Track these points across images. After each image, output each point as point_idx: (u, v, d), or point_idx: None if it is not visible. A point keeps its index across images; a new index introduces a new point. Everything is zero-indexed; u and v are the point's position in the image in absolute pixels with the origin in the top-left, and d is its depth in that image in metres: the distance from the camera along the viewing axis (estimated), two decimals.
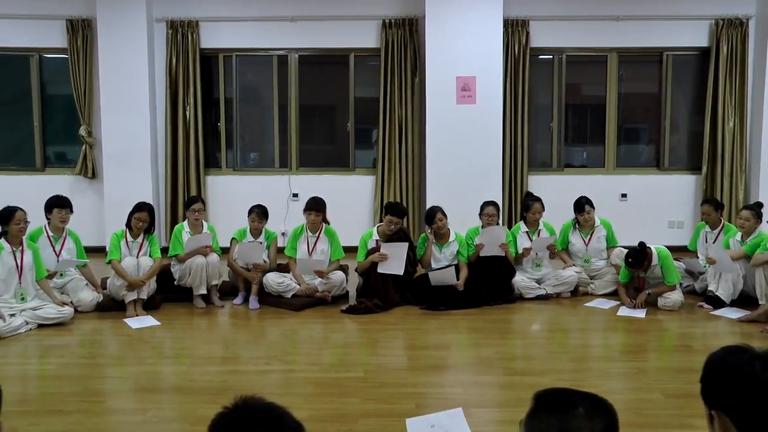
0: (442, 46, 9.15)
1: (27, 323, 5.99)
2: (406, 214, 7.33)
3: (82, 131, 9.56)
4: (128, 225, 6.78)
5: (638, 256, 6.52)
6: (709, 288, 6.74)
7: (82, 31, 9.47)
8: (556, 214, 7.72)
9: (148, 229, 6.86)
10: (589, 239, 7.38)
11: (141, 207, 6.78)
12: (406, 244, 6.80)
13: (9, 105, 10.20)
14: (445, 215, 7.01)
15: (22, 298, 6.13)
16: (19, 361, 5.38)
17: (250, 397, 1.63)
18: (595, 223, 7.39)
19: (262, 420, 1.57)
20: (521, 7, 9.39)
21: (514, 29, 9.39)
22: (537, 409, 1.67)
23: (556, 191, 8.96)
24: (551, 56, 9.78)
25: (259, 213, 7.04)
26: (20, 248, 6.16)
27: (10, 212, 6.12)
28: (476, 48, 9.16)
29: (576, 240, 7.43)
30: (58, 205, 6.69)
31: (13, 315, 5.93)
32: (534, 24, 9.44)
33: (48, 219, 6.72)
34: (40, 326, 6.08)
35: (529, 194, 7.66)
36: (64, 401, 4.41)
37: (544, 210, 7.35)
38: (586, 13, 9.46)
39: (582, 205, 7.32)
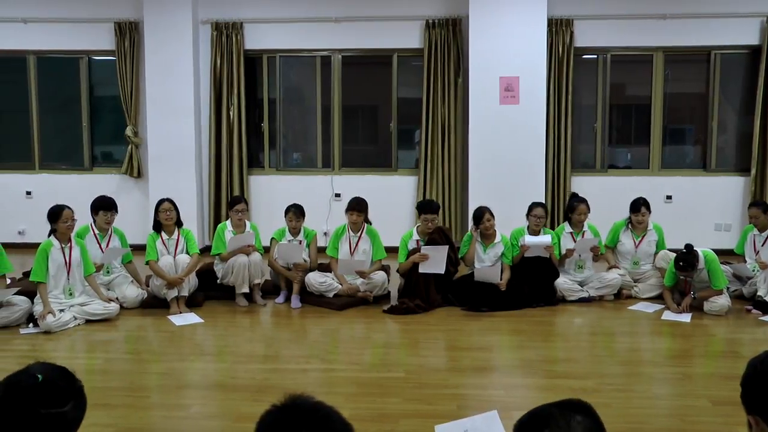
0: (486, 46, 9.10)
1: (75, 318, 6.14)
2: (439, 208, 7.32)
3: (129, 131, 9.73)
4: (157, 225, 6.88)
5: (689, 258, 6.39)
6: (758, 293, 6.60)
7: (129, 33, 9.64)
8: (599, 215, 7.61)
9: (179, 223, 6.94)
10: (640, 241, 7.25)
11: (162, 200, 6.91)
12: (447, 247, 6.78)
13: (60, 106, 10.45)
14: (492, 216, 6.97)
15: (70, 294, 6.27)
16: (67, 355, 5.50)
17: (298, 396, 1.61)
18: (648, 226, 7.27)
19: (309, 419, 1.55)
20: (565, 6, 9.29)
21: (558, 29, 9.30)
22: None
23: (599, 192, 8.85)
24: (595, 56, 9.65)
25: (296, 212, 7.08)
26: (68, 245, 6.30)
27: (59, 211, 6.27)
28: (520, 48, 9.09)
29: (626, 240, 7.30)
30: (103, 207, 6.82)
31: (62, 310, 6.09)
32: (578, 23, 9.34)
33: (94, 219, 6.86)
34: (88, 321, 6.22)
35: (575, 195, 7.56)
36: (110, 395, 4.49)
37: (589, 211, 7.25)
38: (631, 11, 9.32)
39: (639, 205, 7.20)
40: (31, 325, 6.07)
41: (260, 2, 9.64)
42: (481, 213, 6.96)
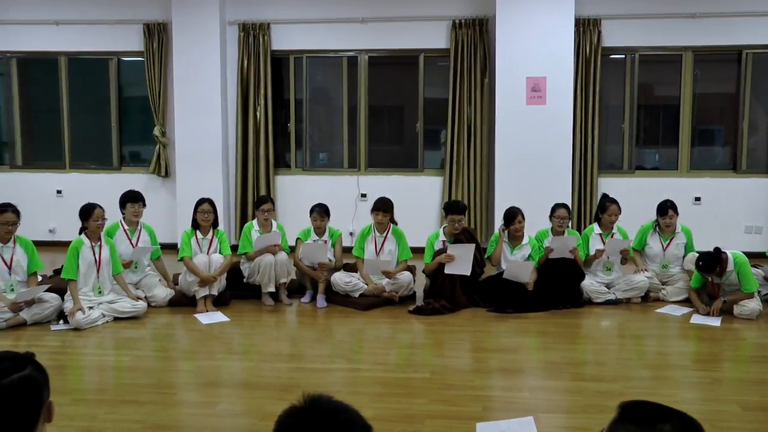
0: (513, 47, 9.07)
1: (104, 316, 6.23)
2: (466, 209, 7.29)
3: (156, 131, 9.83)
4: (195, 223, 6.94)
5: (710, 260, 6.31)
6: None
7: (158, 34, 9.74)
8: (626, 217, 7.49)
9: (215, 224, 7.00)
10: (668, 244, 7.17)
11: (202, 200, 6.95)
12: (473, 246, 6.76)
13: (90, 106, 10.59)
14: (524, 218, 6.94)
15: (99, 292, 6.35)
16: (96, 351, 5.56)
17: (317, 396, 1.58)
18: (676, 229, 7.19)
19: (331, 422, 1.52)
20: (593, 5, 9.22)
21: (586, 28, 9.24)
22: (622, 419, 1.61)
23: (626, 194, 8.73)
24: (623, 55, 9.57)
25: (321, 211, 7.10)
26: (98, 244, 6.39)
27: (90, 209, 6.38)
28: (547, 48, 9.05)
29: (654, 243, 7.23)
30: (130, 199, 6.93)
31: (91, 307, 6.17)
32: (606, 23, 9.27)
33: (123, 214, 6.97)
34: (116, 319, 6.30)
35: (606, 196, 7.47)
36: (138, 392, 4.54)
37: (620, 213, 7.17)
38: (660, 11, 9.23)
39: (666, 208, 7.12)
40: (61, 321, 6.16)
41: (287, 3, 9.69)
42: (513, 214, 6.93)
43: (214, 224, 7.00)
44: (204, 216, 6.87)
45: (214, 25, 9.51)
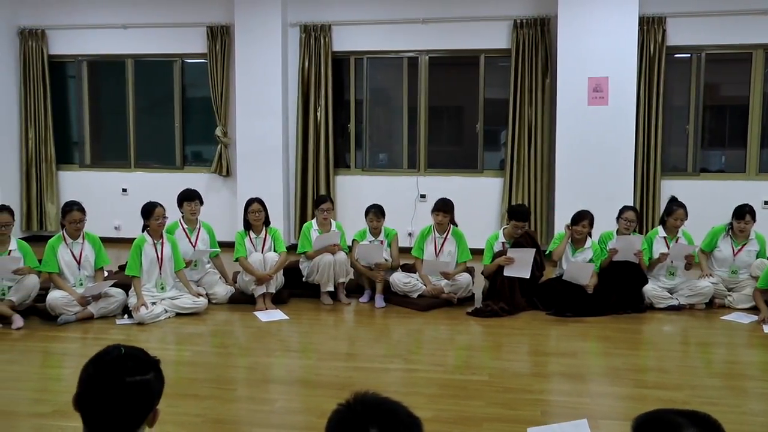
0: (575, 46, 8.92)
1: (166, 311, 6.35)
2: (530, 215, 7.20)
3: (218, 132, 9.99)
4: (247, 224, 7.01)
5: None
6: None
7: (221, 36, 9.89)
8: (690, 221, 7.26)
9: (267, 222, 7.07)
10: (739, 250, 6.91)
11: (251, 201, 7.03)
12: (533, 250, 6.67)
13: (154, 107, 10.84)
14: (591, 225, 6.83)
15: (162, 288, 6.49)
16: (159, 346, 5.67)
17: (363, 393, 1.62)
18: (750, 235, 6.94)
19: (375, 415, 1.55)
20: (658, 3, 9.00)
21: (650, 27, 9.02)
22: None
23: (691, 197, 8.39)
24: (689, 54, 9.32)
25: (377, 212, 7.10)
26: (160, 241, 6.53)
27: (151, 208, 6.54)
28: (609, 47, 8.86)
29: (725, 247, 6.98)
30: (187, 198, 7.07)
31: (154, 303, 6.32)
32: (671, 21, 9.04)
33: (181, 213, 7.10)
34: (177, 315, 6.42)
35: (674, 199, 7.26)
36: (198, 387, 4.61)
37: (686, 218, 6.97)
38: (728, 7, 8.95)
39: (743, 213, 6.85)
40: (125, 316, 6.32)
41: (348, 4, 9.73)
42: (581, 217, 6.82)
43: (266, 223, 7.07)
44: (255, 216, 6.94)
45: (276, 26, 9.61)
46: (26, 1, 10.37)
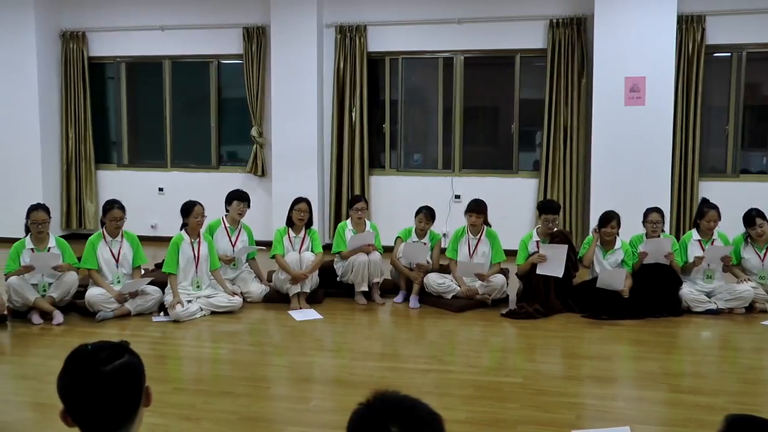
0: (611, 46, 8.81)
1: (201, 309, 6.41)
2: (560, 208, 7.13)
3: (254, 132, 10.05)
4: (289, 221, 7.05)
5: None
6: None
7: (256, 37, 9.96)
8: (730, 223, 7.12)
9: (309, 224, 7.09)
10: (765, 254, 6.77)
11: (299, 200, 7.05)
12: (566, 246, 6.60)
13: (191, 108, 10.96)
14: (619, 225, 6.75)
15: (198, 286, 6.55)
16: (194, 343, 5.74)
17: (382, 391, 1.61)
18: None
19: (395, 413, 1.54)
20: (697, 1, 8.83)
21: (689, 26, 8.87)
22: None
23: (730, 199, 8.28)
24: (729, 53, 9.15)
25: (427, 214, 7.09)
26: (197, 240, 6.59)
27: (190, 206, 6.62)
28: (647, 47, 8.74)
29: (749, 255, 6.82)
30: (238, 198, 7.13)
31: (189, 301, 6.38)
32: (711, 19, 8.88)
33: (227, 210, 7.15)
34: (213, 313, 6.47)
35: (705, 201, 7.16)
36: (233, 384, 4.64)
37: (720, 219, 6.85)
38: None
39: (752, 218, 6.69)
40: (162, 313, 6.39)
41: (383, 5, 9.73)
42: (608, 218, 6.75)
43: (308, 224, 7.10)
44: (300, 215, 6.97)
45: (312, 27, 9.64)
46: (68, 5, 10.55)
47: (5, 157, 10.28)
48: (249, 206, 7.21)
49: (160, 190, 10.54)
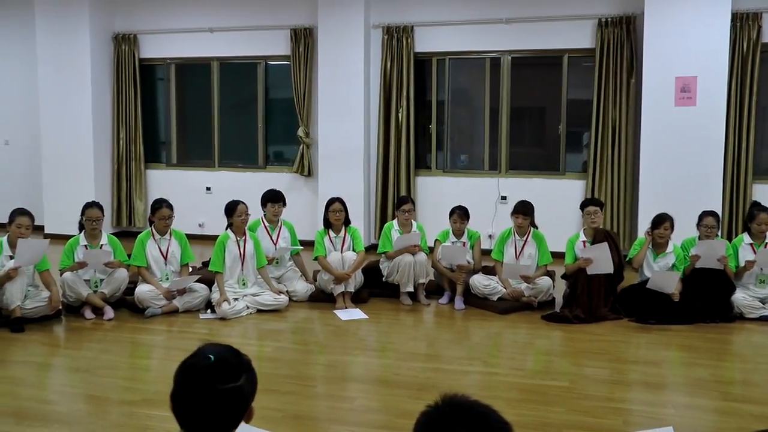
0: (661, 45, 8.65)
1: (248, 307, 6.49)
2: (602, 204, 7.05)
3: (301, 132, 10.12)
4: (327, 222, 7.08)
5: None
6: None
7: (304, 39, 10.03)
8: None
9: (347, 222, 7.11)
10: None
11: (333, 200, 7.10)
12: (605, 244, 6.49)
13: (238, 108, 11.09)
14: (672, 227, 6.63)
15: (244, 284, 6.62)
16: (240, 341, 5.78)
17: (453, 395, 1.59)
18: None
19: (465, 419, 1.52)
20: None
21: (744, 23, 8.65)
22: None
23: None
24: None
25: (461, 214, 7.07)
26: (243, 238, 6.67)
27: (234, 206, 6.71)
28: (699, 46, 8.54)
29: None
30: (271, 200, 7.19)
31: (236, 299, 6.45)
32: (767, 17, 8.66)
33: (264, 212, 7.22)
34: (259, 311, 6.53)
35: (756, 203, 6.99)
36: (279, 382, 4.68)
37: None
38: None
39: (754, 214, 6.63)
40: (209, 311, 6.48)
41: (430, 5, 9.72)
42: (661, 220, 6.63)
43: (346, 222, 7.12)
44: (336, 215, 7.00)
45: (359, 28, 9.68)
46: (120, 8, 10.77)
47: (60, 156, 10.53)
48: (285, 204, 7.27)
49: (208, 189, 10.68)
